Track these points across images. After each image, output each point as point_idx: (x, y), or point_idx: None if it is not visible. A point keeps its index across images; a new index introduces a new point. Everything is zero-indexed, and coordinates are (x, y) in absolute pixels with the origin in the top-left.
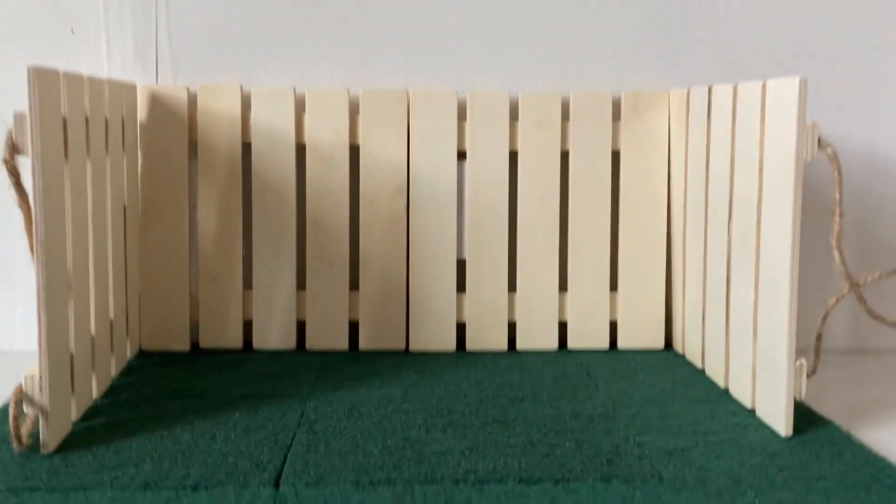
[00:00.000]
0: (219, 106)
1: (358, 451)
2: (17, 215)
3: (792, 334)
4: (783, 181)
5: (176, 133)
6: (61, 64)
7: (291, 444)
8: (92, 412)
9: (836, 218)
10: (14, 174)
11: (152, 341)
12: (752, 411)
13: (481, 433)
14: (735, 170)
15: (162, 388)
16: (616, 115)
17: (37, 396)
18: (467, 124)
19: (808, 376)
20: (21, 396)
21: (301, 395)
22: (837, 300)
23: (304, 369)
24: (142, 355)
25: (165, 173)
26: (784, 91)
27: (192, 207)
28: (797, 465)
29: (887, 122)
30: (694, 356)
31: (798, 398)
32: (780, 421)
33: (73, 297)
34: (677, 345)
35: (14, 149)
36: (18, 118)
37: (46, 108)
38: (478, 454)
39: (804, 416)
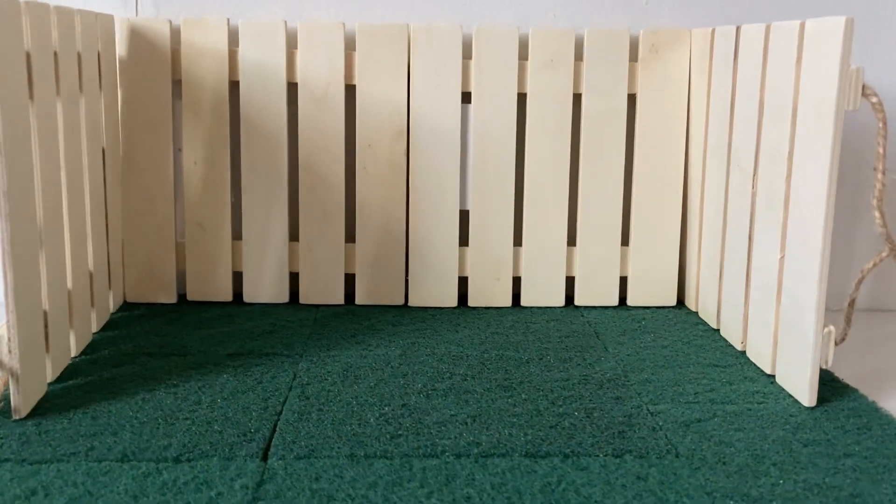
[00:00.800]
0: (204, 41)
1: (353, 419)
2: None
3: (822, 298)
4: (820, 131)
5: (158, 70)
6: None
7: (282, 411)
8: (70, 371)
9: (879, 175)
10: None
11: (138, 293)
12: (772, 377)
13: (484, 400)
14: (764, 117)
15: (145, 345)
16: (633, 56)
17: (6, 358)
18: (473, 63)
19: (836, 344)
20: None
21: (293, 354)
22: (875, 264)
23: (296, 325)
24: (126, 307)
25: (147, 113)
26: (826, 32)
27: (177, 150)
28: (822, 441)
29: None
30: (708, 315)
31: (824, 366)
32: (803, 390)
33: (44, 250)
34: (690, 302)
35: None
36: None
37: (5, 41)
38: (481, 424)
39: (827, 384)
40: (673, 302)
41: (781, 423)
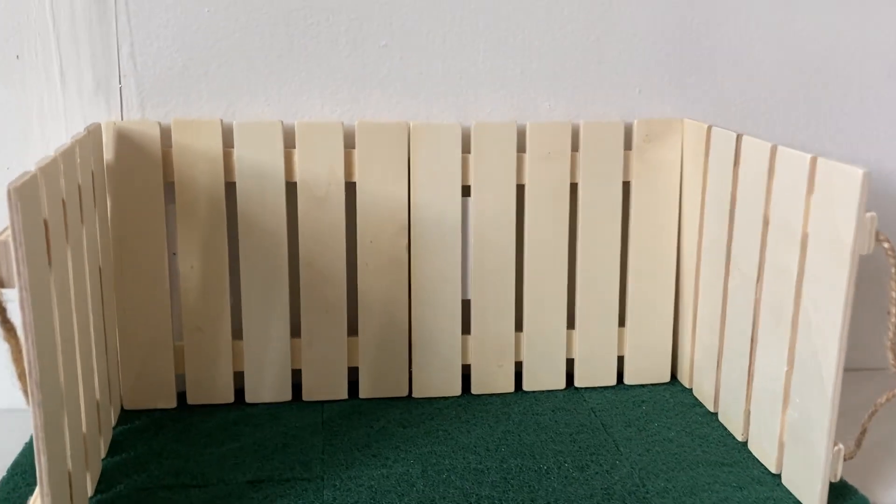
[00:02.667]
0: (197, 142)
1: None
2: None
3: (833, 423)
4: (836, 271)
5: (149, 174)
6: (5, 97)
7: None
8: None
9: (892, 318)
10: (0, 312)
11: (136, 400)
12: (777, 476)
13: None
14: (769, 233)
15: (159, 474)
16: (627, 144)
17: None
18: (472, 157)
19: (844, 460)
20: None
21: (314, 477)
22: (888, 399)
23: (307, 433)
24: (125, 418)
25: (139, 219)
26: (843, 179)
27: (172, 254)
28: None
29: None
30: (704, 397)
31: (833, 480)
32: (813, 501)
33: (66, 411)
34: (683, 378)
35: None
36: (0, 246)
37: (29, 226)
38: None
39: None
40: (667, 378)
41: None
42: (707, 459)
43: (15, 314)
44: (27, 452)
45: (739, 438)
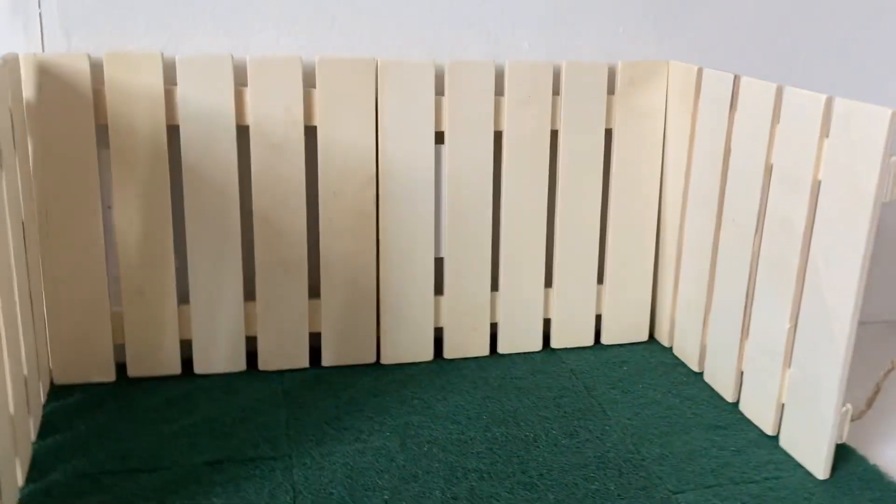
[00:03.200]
0: (134, 79)
1: None
2: None
3: (843, 383)
4: (854, 218)
5: (78, 115)
6: None
7: None
8: None
9: None
10: None
11: (68, 374)
12: (774, 438)
13: None
14: (772, 181)
15: (102, 457)
16: (610, 89)
17: None
18: (446, 100)
19: (851, 420)
20: None
21: (280, 455)
22: None
23: (267, 405)
24: (57, 394)
25: (68, 167)
26: (866, 119)
27: (107, 208)
28: None
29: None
30: (686, 356)
31: (839, 441)
32: (817, 464)
33: None
34: (662, 337)
35: None
36: None
37: None
38: None
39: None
40: (645, 337)
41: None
42: (699, 422)
43: None
44: None
45: (729, 399)
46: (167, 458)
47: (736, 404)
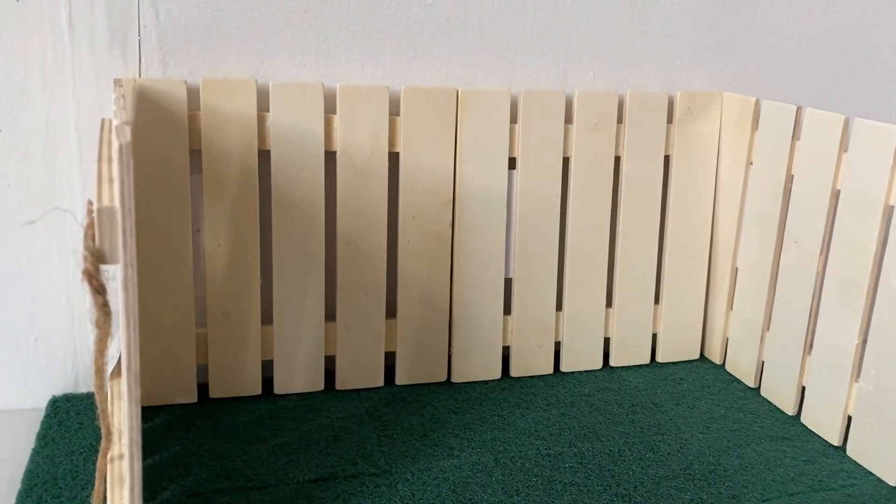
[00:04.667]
0: (228, 104)
1: None
2: None
3: None
4: None
5: (173, 139)
6: None
7: None
8: None
9: None
10: (100, 292)
11: (152, 395)
12: (840, 448)
13: None
14: (839, 206)
15: (206, 476)
16: (668, 118)
17: None
18: (519, 127)
19: None
20: None
21: (381, 472)
22: None
23: (353, 424)
24: (143, 416)
25: (161, 190)
26: None
27: (196, 231)
28: None
29: None
30: (741, 373)
31: None
32: (889, 470)
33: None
34: (712, 355)
35: (99, 257)
36: (104, 213)
37: (129, 195)
38: None
39: None
40: (696, 355)
41: None
42: (766, 434)
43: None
44: (38, 460)
45: (789, 413)
46: (271, 477)
47: (797, 417)
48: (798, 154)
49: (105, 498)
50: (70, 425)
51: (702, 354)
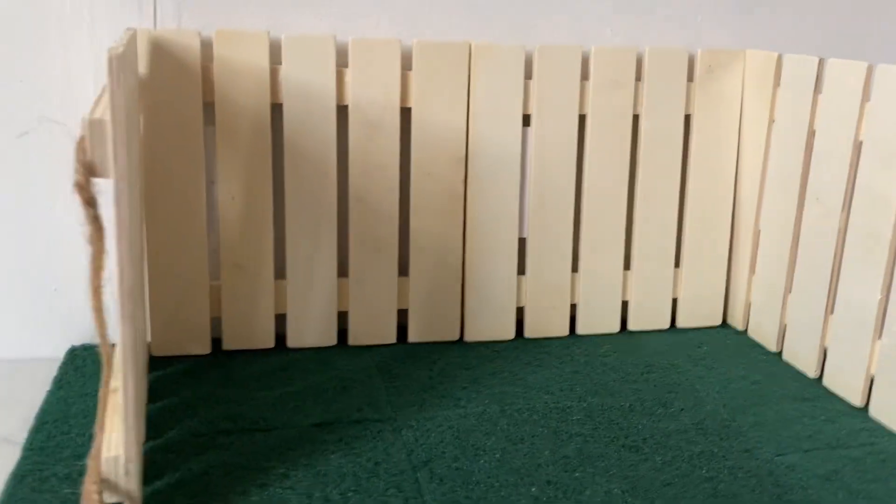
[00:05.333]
0: (241, 57)
1: None
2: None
3: None
4: None
5: (187, 91)
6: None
7: (426, 502)
8: (151, 466)
9: None
10: (91, 204)
11: (165, 346)
12: (863, 409)
13: (626, 467)
14: (862, 158)
15: (213, 418)
16: (689, 76)
17: (122, 482)
18: (533, 83)
19: None
20: (100, 484)
21: (385, 418)
22: None
23: (362, 376)
24: (156, 365)
25: (175, 141)
26: None
27: (210, 183)
28: None
29: None
30: (763, 338)
31: None
32: None
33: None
34: (735, 321)
35: (90, 169)
36: (95, 125)
37: (119, 107)
38: (643, 500)
39: None
40: (718, 321)
41: None
42: (786, 395)
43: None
44: (52, 401)
45: (811, 375)
46: (277, 420)
47: (819, 380)
48: (820, 107)
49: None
50: (87, 371)
51: (724, 321)
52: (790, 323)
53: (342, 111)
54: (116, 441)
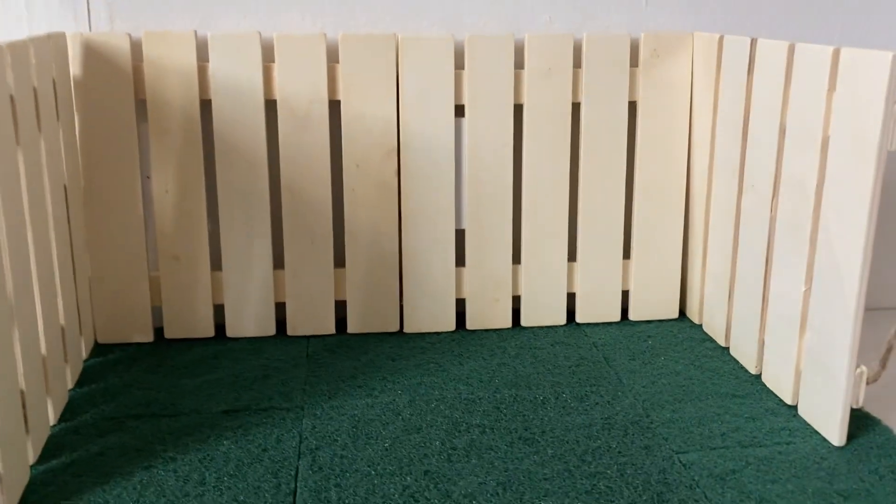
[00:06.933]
0: (169, 56)
1: (375, 496)
2: None
3: (855, 341)
4: (860, 169)
5: (119, 90)
6: None
7: (296, 489)
8: (52, 446)
9: None
10: None
11: (110, 333)
12: (793, 408)
13: (510, 459)
14: (786, 142)
15: (129, 403)
16: (633, 61)
17: None
18: (465, 74)
19: (867, 384)
20: None
21: (293, 406)
22: None
23: (289, 365)
24: (99, 351)
25: (110, 138)
26: (868, 65)
27: (145, 177)
28: (861, 491)
29: None
30: (715, 331)
31: (855, 406)
32: (833, 429)
33: (16, 324)
34: (693, 314)
35: None
36: None
37: None
38: (513, 494)
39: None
40: (675, 314)
41: (815, 470)
42: (716, 391)
43: None
44: None
45: (752, 371)
46: (187, 407)
47: (759, 376)
48: (753, 90)
49: None
50: None
51: (682, 314)
52: (735, 316)
53: (271, 105)
54: None
